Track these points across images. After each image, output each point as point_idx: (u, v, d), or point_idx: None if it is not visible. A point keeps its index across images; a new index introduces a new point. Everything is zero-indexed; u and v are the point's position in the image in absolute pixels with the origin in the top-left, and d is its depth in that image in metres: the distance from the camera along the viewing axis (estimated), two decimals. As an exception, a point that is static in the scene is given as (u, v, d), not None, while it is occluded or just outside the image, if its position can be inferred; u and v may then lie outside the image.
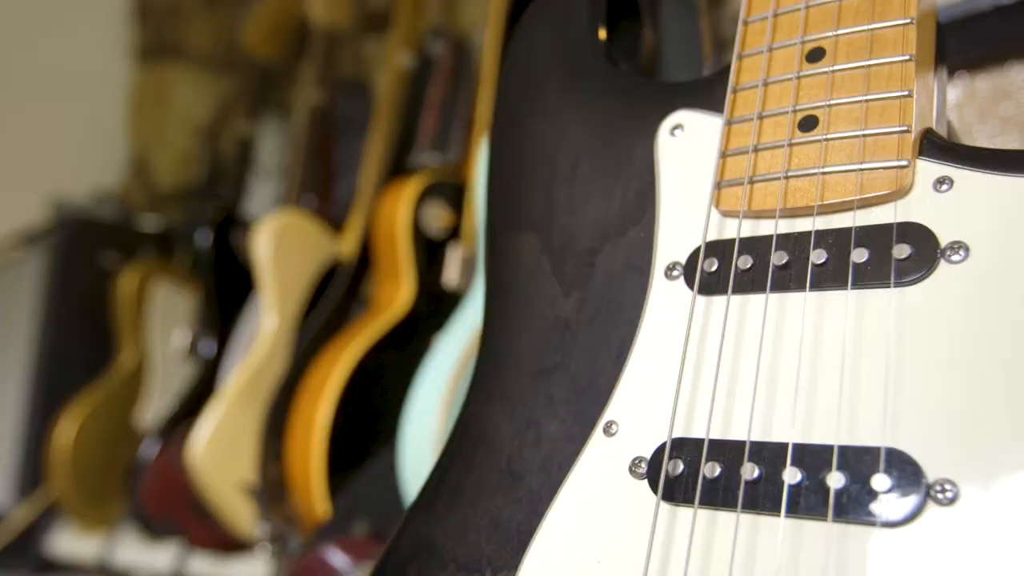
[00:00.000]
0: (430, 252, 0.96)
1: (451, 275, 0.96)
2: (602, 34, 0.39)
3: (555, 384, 0.35)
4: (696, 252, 0.35)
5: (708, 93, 0.38)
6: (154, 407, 1.27)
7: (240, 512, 0.96)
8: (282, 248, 1.05)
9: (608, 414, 0.34)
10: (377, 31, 1.49)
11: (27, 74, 1.93)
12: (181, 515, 0.97)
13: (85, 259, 1.40)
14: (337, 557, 0.73)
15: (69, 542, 1.25)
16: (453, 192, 0.99)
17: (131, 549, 1.15)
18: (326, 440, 0.85)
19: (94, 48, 2.05)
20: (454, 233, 0.98)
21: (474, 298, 0.79)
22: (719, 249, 0.35)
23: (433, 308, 0.95)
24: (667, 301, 0.35)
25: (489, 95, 1.06)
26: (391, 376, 0.91)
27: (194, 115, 1.85)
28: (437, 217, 0.97)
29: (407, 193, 0.95)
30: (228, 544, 0.96)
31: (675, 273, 0.35)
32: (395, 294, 0.95)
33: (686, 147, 0.37)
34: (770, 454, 0.30)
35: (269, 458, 0.85)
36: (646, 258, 0.36)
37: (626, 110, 0.38)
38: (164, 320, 1.33)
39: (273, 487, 0.84)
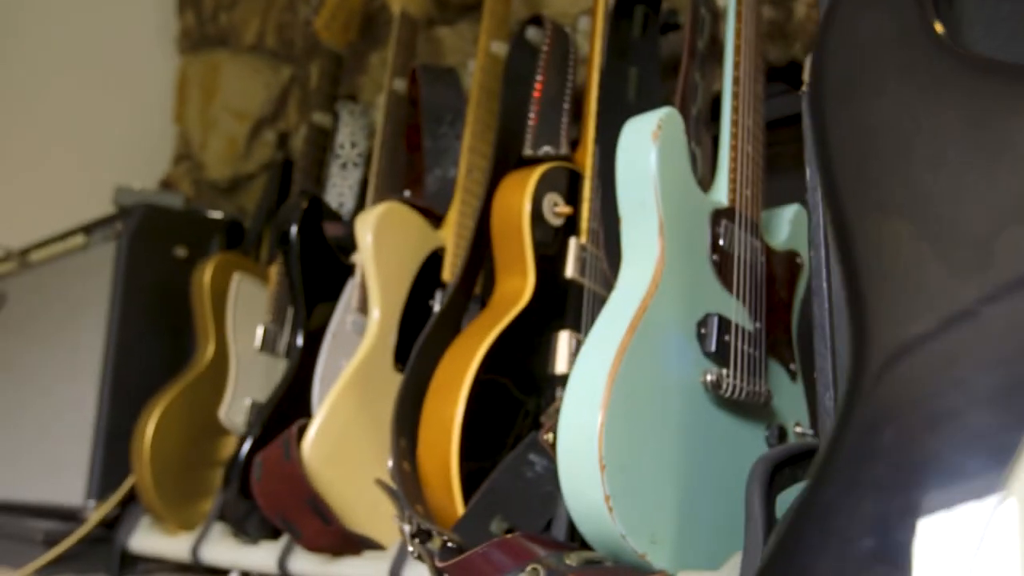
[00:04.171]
0: (549, 243, 0.94)
1: (571, 267, 0.95)
2: (937, 23, 0.38)
3: (970, 373, 0.33)
4: None
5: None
6: (233, 401, 1.25)
7: (354, 506, 0.95)
8: (386, 239, 1.03)
9: None
10: (448, 19, 1.47)
11: (76, 64, 1.90)
12: (292, 512, 0.94)
13: (153, 248, 1.37)
14: (497, 555, 0.71)
15: (151, 540, 1.23)
16: (569, 182, 0.98)
17: (216, 547, 1.13)
18: (460, 437, 0.83)
19: (143, 37, 2.01)
20: (568, 223, 0.96)
21: (623, 290, 0.77)
22: None
23: (554, 300, 0.93)
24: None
25: (596, 85, 1.04)
26: (518, 369, 0.89)
27: (245, 104, 1.82)
28: (556, 208, 0.95)
29: (529, 183, 0.93)
30: (341, 542, 0.94)
31: None
32: (516, 286, 0.93)
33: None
34: None
35: (402, 457, 0.83)
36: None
37: (999, 92, 0.36)
38: (238, 312, 1.31)
39: (408, 486, 0.82)
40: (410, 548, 0.76)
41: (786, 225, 0.92)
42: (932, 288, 0.35)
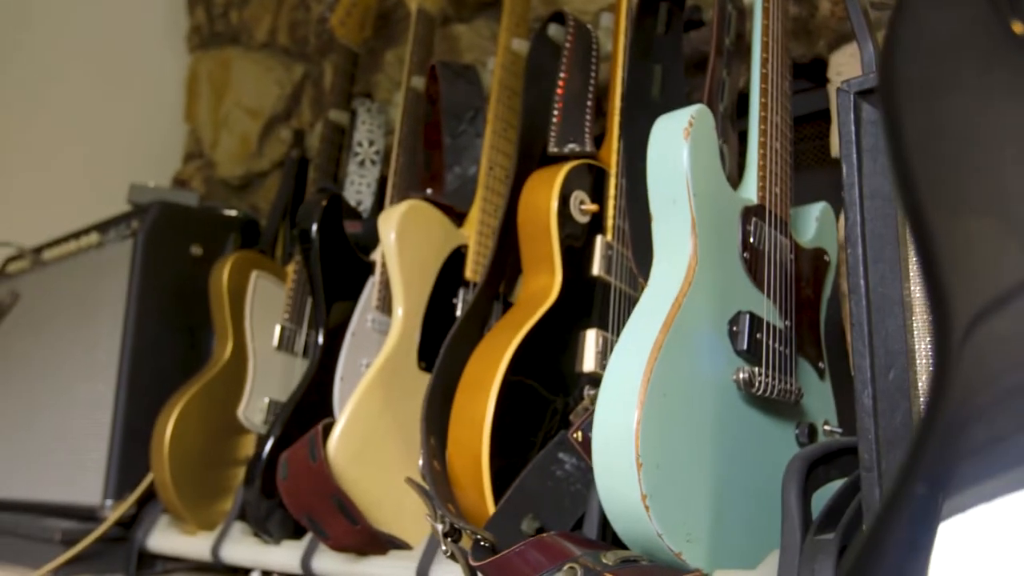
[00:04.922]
0: (576, 241, 0.94)
1: (597, 264, 0.94)
2: (1017, 23, 0.37)
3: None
4: None
5: None
6: (252, 400, 1.25)
7: (380, 505, 0.94)
8: (410, 236, 1.03)
9: None
10: (464, 16, 1.46)
11: (85, 62, 1.89)
12: (318, 511, 0.94)
13: (169, 246, 1.37)
14: (533, 554, 0.70)
15: (169, 539, 1.22)
16: (594, 180, 0.97)
17: (237, 546, 1.12)
18: (490, 436, 0.83)
19: (153, 35, 2.00)
20: (593, 221, 0.96)
21: (657, 287, 0.76)
22: None
23: (581, 297, 0.93)
24: None
25: (620, 82, 1.03)
26: (545, 368, 0.89)
27: (258, 101, 1.82)
28: (583, 205, 0.95)
29: (557, 181, 0.93)
30: (368, 541, 0.93)
31: None
32: (544, 284, 0.92)
33: None
34: None
35: (432, 456, 0.83)
36: None
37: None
38: (255, 310, 1.31)
39: (440, 485, 0.82)
40: (443, 547, 0.75)
41: (813, 223, 0.92)
42: (1017, 283, 0.34)
